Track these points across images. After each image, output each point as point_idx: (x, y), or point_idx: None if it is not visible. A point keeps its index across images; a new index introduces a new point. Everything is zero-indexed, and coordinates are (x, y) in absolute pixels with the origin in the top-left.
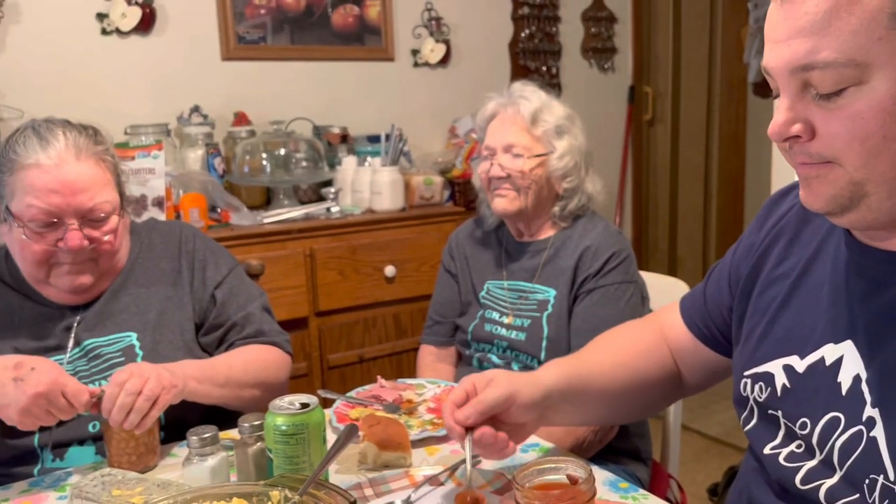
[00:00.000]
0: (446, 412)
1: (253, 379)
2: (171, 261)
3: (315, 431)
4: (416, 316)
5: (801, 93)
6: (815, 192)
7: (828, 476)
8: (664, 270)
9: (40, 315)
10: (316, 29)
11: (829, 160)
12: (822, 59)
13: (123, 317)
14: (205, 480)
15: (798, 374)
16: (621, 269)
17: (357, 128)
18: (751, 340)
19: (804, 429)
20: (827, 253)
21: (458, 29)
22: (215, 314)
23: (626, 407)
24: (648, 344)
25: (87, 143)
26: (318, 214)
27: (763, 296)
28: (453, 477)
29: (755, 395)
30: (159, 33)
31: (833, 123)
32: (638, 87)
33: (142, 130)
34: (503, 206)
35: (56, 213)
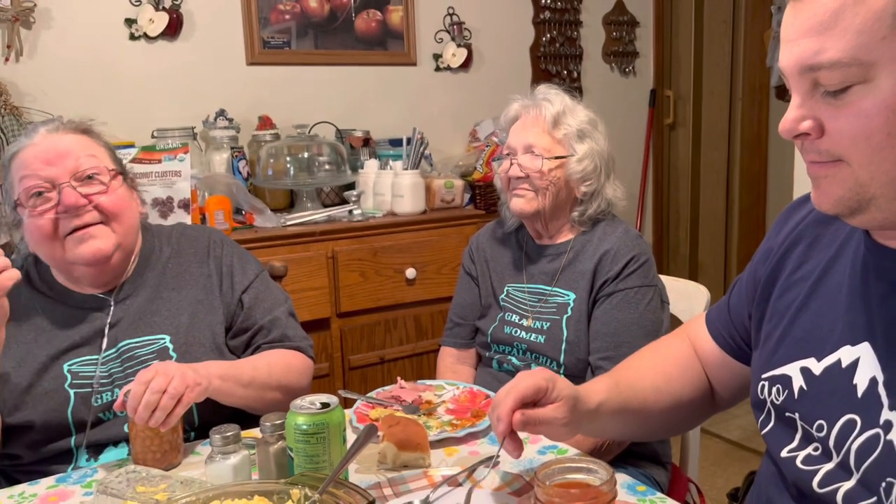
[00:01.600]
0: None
1: (276, 382)
2: (200, 265)
3: (335, 431)
4: (436, 318)
5: (811, 91)
6: (824, 193)
7: (845, 479)
8: (685, 275)
9: (73, 318)
10: (339, 34)
11: (838, 158)
12: (827, 58)
13: (156, 320)
14: (227, 478)
15: (815, 376)
16: (641, 272)
17: (379, 131)
18: (769, 343)
19: (821, 431)
20: (846, 256)
21: (479, 33)
22: (242, 318)
23: (665, 427)
24: (685, 364)
25: (69, 125)
26: (341, 217)
27: (781, 299)
28: (471, 478)
29: (772, 398)
30: (186, 38)
31: (840, 120)
32: (659, 91)
33: (168, 134)
34: (520, 206)
35: (46, 178)
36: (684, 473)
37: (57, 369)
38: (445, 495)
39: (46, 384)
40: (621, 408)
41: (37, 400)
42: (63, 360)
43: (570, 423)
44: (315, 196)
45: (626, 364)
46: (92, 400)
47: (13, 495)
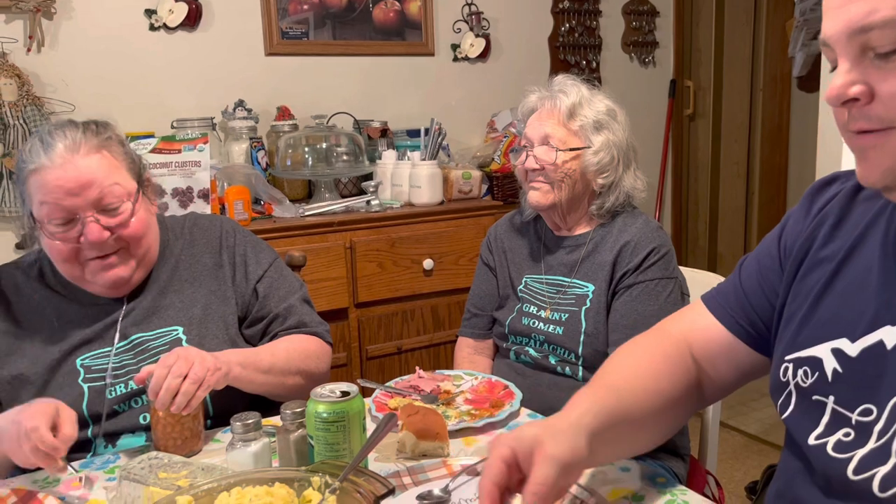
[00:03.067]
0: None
1: (296, 367)
2: (212, 255)
3: (355, 419)
4: (453, 309)
5: (860, 56)
6: (872, 164)
7: (881, 464)
8: (703, 267)
9: (86, 315)
10: (357, 24)
11: (889, 125)
12: (880, 18)
13: (169, 312)
14: (248, 465)
15: (851, 358)
16: (661, 264)
17: (397, 122)
18: (792, 324)
19: (867, 415)
20: (874, 237)
21: (497, 23)
22: (258, 307)
23: (659, 431)
24: (672, 361)
25: (87, 138)
26: (358, 207)
27: (806, 279)
28: None
29: (798, 381)
30: (205, 29)
31: (891, 82)
32: (679, 82)
33: (188, 124)
34: (536, 198)
35: (69, 208)
36: (703, 466)
37: (70, 365)
38: (464, 485)
39: (60, 380)
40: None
41: (52, 396)
42: (76, 355)
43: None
44: (333, 186)
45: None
46: (106, 392)
47: (37, 480)
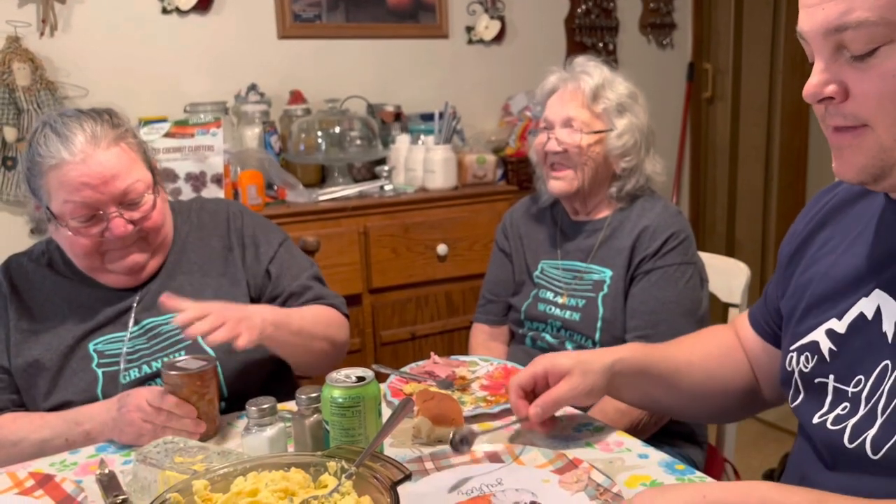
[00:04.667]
0: (513, 393)
1: (322, 332)
2: (220, 238)
3: (371, 404)
4: (467, 295)
5: (834, 54)
6: (847, 162)
7: (870, 426)
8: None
9: (98, 300)
10: (370, 6)
11: (863, 122)
12: (854, 18)
13: (180, 295)
14: (263, 450)
15: (841, 335)
16: (680, 249)
17: (411, 106)
18: (793, 317)
19: (858, 386)
20: (870, 229)
21: (512, 5)
22: (272, 287)
23: (697, 406)
24: (726, 348)
25: (104, 130)
26: (372, 192)
27: (805, 274)
28: (517, 459)
29: (800, 367)
30: (217, 12)
31: (866, 83)
32: (697, 64)
33: (201, 108)
34: (560, 187)
35: (93, 204)
36: (720, 453)
37: (83, 350)
38: (490, 473)
39: (74, 365)
40: (643, 370)
41: (67, 381)
42: (89, 340)
43: (587, 388)
44: (346, 171)
45: (666, 343)
46: (120, 377)
47: (55, 462)
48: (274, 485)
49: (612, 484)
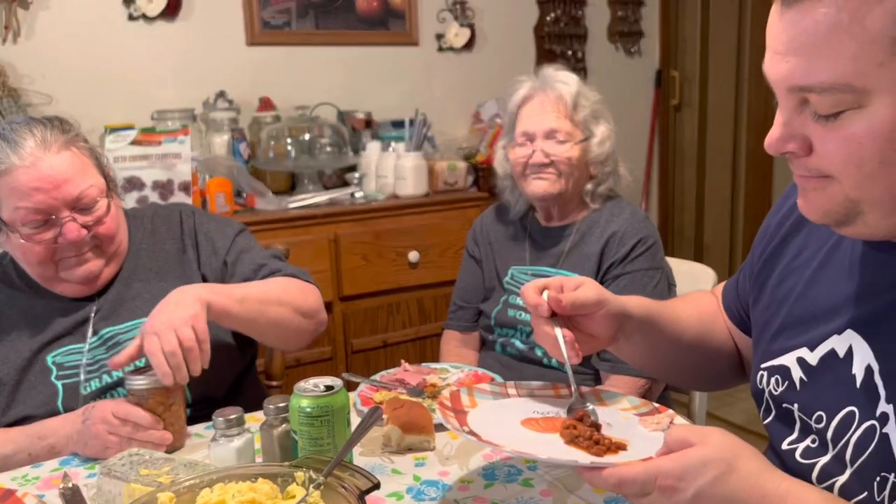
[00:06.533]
0: (532, 291)
1: (276, 297)
2: (174, 242)
3: (339, 414)
4: (439, 301)
5: (799, 107)
6: (811, 204)
7: (839, 474)
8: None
9: (54, 311)
10: (340, 13)
11: (827, 175)
12: (818, 82)
13: (137, 303)
14: (230, 461)
15: (812, 366)
16: (648, 255)
17: (381, 113)
18: (767, 332)
19: (819, 422)
20: (846, 244)
21: (482, 13)
22: (230, 275)
23: (694, 365)
24: (715, 312)
25: (55, 135)
26: (343, 200)
27: (781, 287)
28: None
29: (770, 389)
30: (185, 18)
31: (829, 144)
32: (665, 72)
33: (168, 116)
34: (544, 188)
35: (46, 209)
36: None
37: (41, 363)
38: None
39: (33, 378)
40: (650, 316)
41: (26, 396)
42: (46, 352)
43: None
44: (317, 178)
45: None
46: (80, 388)
47: (16, 477)
48: (241, 496)
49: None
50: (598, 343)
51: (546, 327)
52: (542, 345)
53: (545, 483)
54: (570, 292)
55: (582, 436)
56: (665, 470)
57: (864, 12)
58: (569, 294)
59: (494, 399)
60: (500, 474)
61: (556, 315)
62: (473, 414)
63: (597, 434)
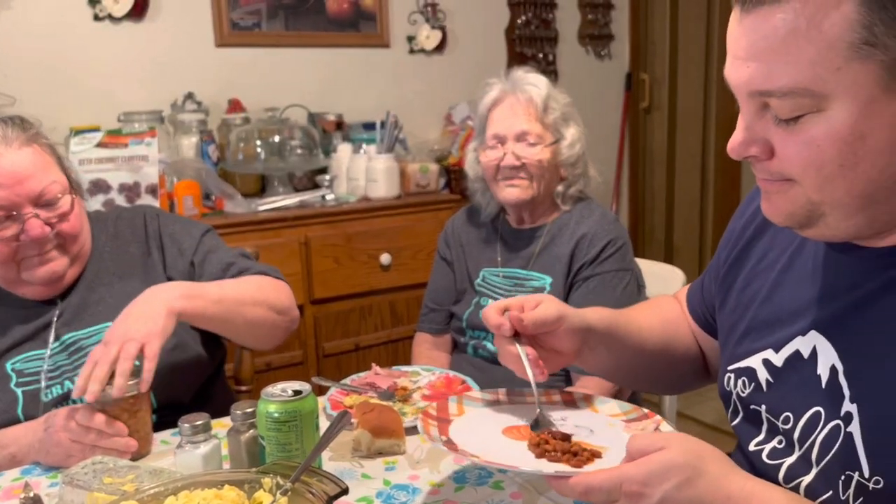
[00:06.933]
0: (493, 312)
1: (251, 297)
2: (138, 245)
3: (308, 419)
4: (411, 304)
5: (760, 112)
6: (774, 206)
7: (805, 473)
8: (660, 258)
9: (14, 317)
10: (311, 15)
11: (789, 178)
12: (778, 87)
13: (100, 308)
14: (197, 468)
15: (777, 368)
16: (618, 256)
17: (352, 115)
18: (733, 335)
19: (787, 423)
20: (809, 247)
21: (453, 15)
22: (198, 276)
23: (658, 371)
24: (678, 317)
25: (15, 132)
26: (313, 202)
27: (746, 290)
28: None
29: (737, 391)
30: (152, 19)
31: (790, 147)
32: (635, 75)
33: (135, 118)
34: (517, 195)
35: (8, 206)
36: None
37: (0, 370)
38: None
39: None
40: (612, 328)
41: None
42: (5, 359)
43: (563, 310)
44: (287, 181)
45: (624, 309)
46: (41, 395)
47: None
48: (206, 503)
49: None
50: (564, 359)
51: (510, 347)
52: (507, 365)
53: (515, 486)
54: (531, 311)
55: (555, 450)
56: (630, 476)
57: (821, 17)
58: (530, 313)
59: (484, 406)
60: (470, 477)
61: (519, 334)
62: (458, 422)
63: (569, 445)
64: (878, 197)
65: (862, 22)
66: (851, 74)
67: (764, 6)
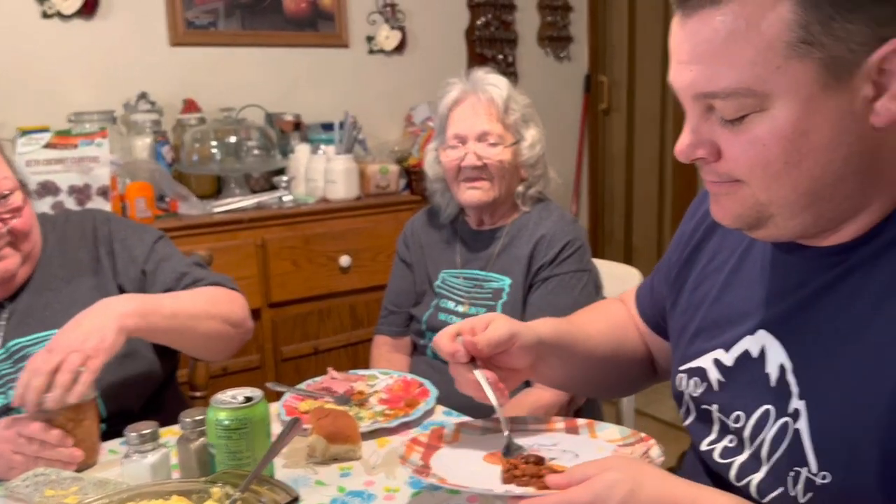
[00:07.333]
0: (445, 339)
1: (205, 310)
2: (88, 250)
3: (259, 426)
4: (371, 306)
5: (705, 114)
6: (723, 209)
7: (756, 470)
8: (620, 259)
9: None
10: (268, 14)
11: (737, 179)
12: (721, 88)
13: (47, 314)
14: (145, 478)
15: (728, 367)
16: (576, 257)
17: (310, 115)
18: (685, 336)
19: (738, 422)
20: (758, 248)
21: (413, 16)
22: (150, 284)
23: (609, 376)
24: (626, 320)
25: None
26: (271, 204)
27: (697, 291)
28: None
29: (690, 391)
30: (104, 17)
31: (736, 147)
32: (594, 77)
33: (86, 118)
34: (478, 197)
35: None
36: None
37: None
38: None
39: None
40: (563, 341)
41: None
42: None
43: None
44: (243, 182)
45: (574, 314)
46: None
47: None
48: None
49: (661, 458)
50: (521, 375)
51: (467, 374)
52: (467, 392)
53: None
54: (483, 333)
55: (525, 475)
56: (576, 497)
57: (759, 18)
58: (482, 335)
59: (480, 434)
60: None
61: (474, 359)
62: (446, 448)
63: (538, 468)
64: (823, 194)
65: (798, 21)
66: (791, 73)
67: (704, 10)
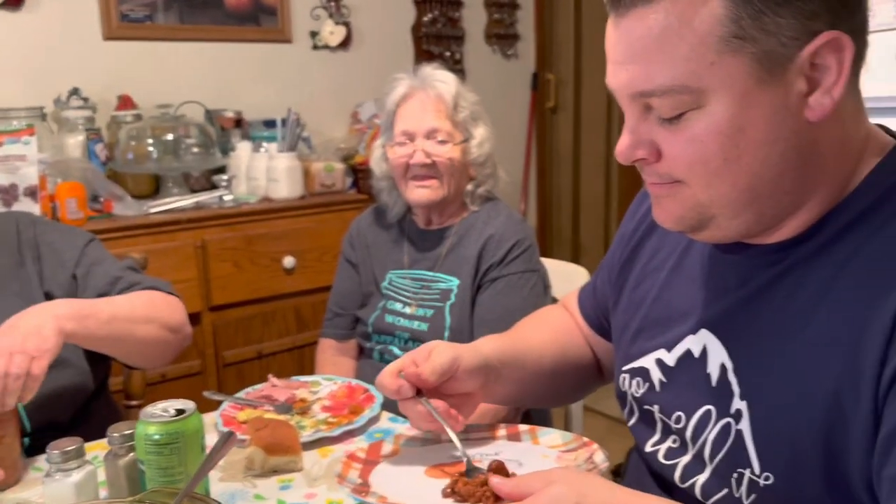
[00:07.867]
0: (388, 377)
1: (143, 315)
2: (10, 255)
3: (192, 440)
4: (317, 308)
5: (644, 114)
6: (665, 211)
7: (699, 472)
8: (568, 258)
9: None
10: (208, 8)
11: (678, 180)
12: (657, 86)
13: None
14: (68, 498)
15: (669, 367)
16: (524, 257)
17: (252, 112)
18: (626, 335)
19: (679, 423)
20: (698, 246)
21: (358, 11)
22: (81, 289)
23: (557, 386)
24: (569, 327)
25: None
26: (211, 203)
27: (638, 289)
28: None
29: (632, 391)
30: (32, 10)
31: (675, 146)
32: (541, 74)
33: (13, 114)
34: (427, 196)
35: None
36: None
37: None
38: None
39: None
40: (509, 357)
41: None
42: None
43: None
44: (182, 181)
45: (517, 326)
46: None
47: None
48: None
49: (605, 463)
50: (474, 399)
51: (417, 407)
52: (421, 427)
53: None
54: (425, 363)
55: (471, 496)
56: None
57: (691, 15)
58: (424, 365)
59: (419, 446)
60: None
61: (421, 391)
62: (385, 464)
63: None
64: (763, 191)
65: (729, 16)
66: (725, 68)
67: (636, 9)
